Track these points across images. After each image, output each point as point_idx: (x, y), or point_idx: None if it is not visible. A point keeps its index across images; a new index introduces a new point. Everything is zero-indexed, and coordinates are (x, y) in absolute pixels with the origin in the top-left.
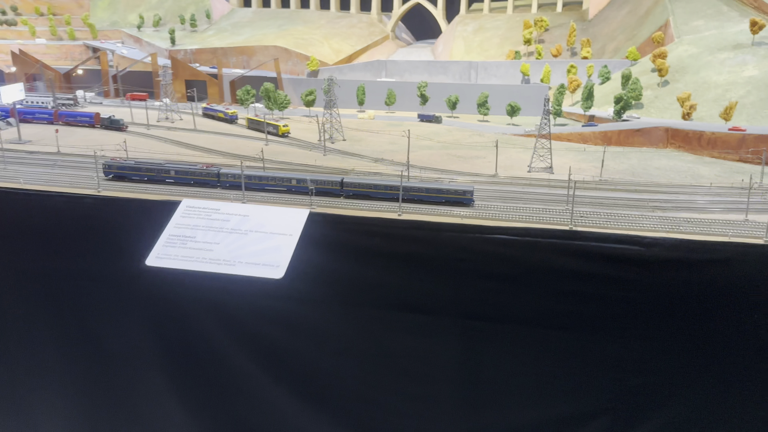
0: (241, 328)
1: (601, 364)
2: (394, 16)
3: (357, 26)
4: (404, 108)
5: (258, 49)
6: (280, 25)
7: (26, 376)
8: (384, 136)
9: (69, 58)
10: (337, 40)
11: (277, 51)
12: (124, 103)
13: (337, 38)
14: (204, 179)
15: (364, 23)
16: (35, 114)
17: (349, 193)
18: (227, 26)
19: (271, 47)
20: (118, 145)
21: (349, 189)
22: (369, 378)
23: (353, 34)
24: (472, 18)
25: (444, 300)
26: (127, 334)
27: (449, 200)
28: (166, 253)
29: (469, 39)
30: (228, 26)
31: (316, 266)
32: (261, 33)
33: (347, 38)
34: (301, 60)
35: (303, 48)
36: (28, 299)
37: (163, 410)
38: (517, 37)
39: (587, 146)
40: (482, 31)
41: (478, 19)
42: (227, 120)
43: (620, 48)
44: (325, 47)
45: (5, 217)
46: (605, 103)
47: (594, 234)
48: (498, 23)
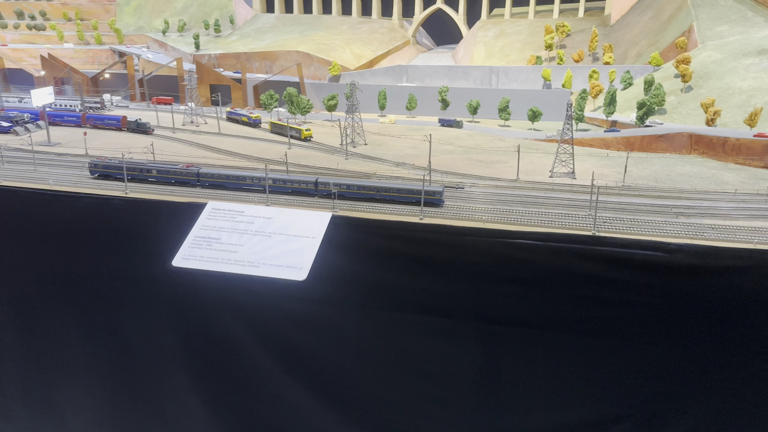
0: (263, 328)
1: (622, 369)
2: (415, 22)
3: (378, 31)
4: (425, 113)
5: (280, 54)
6: (302, 30)
7: (55, 372)
8: (405, 141)
9: (96, 62)
10: (359, 45)
11: (299, 56)
12: (150, 106)
13: (358, 43)
14: (184, 178)
15: (386, 28)
16: (64, 117)
17: (323, 193)
18: (250, 32)
19: (294, 52)
20: (145, 148)
21: (323, 189)
22: (388, 379)
23: (374, 39)
24: (493, 23)
25: (464, 304)
26: (153, 332)
27: (420, 200)
28: (192, 254)
29: (490, 44)
30: (251, 32)
31: (337, 268)
32: (283, 38)
33: (368, 43)
34: (323, 65)
35: (325, 53)
36: (57, 298)
37: (186, 407)
38: (538, 42)
39: (610, 152)
40: (503, 36)
41: (499, 24)
42: (251, 124)
43: (643, 53)
44: (346, 52)
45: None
46: (627, 108)
47: (617, 240)
48: (519, 28)
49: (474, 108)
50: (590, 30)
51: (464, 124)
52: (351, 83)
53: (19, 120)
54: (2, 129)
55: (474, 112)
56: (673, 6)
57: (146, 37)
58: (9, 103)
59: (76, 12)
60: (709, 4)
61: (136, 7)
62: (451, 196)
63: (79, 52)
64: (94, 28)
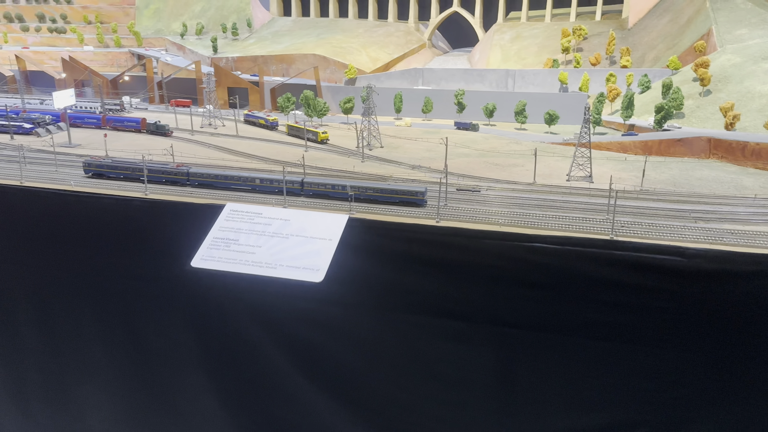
0: (280, 329)
1: (639, 375)
2: (431, 25)
3: (394, 35)
4: (441, 116)
5: (297, 57)
6: (318, 33)
7: (74, 370)
8: (421, 144)
9: (115, 64)
10: (375, 48)
11: (315, 59)
12: (168, 109)
13: (374, 47)
14: (174, 178)
15: (401, 32)
16: (84, 119)
17: (309, 192)
18: (267, 35)
19: (310, 55)
20: (165, 150)
21: (309, 189)
22: (403, 382)
23: (390, 42)
24: (509, 26)
25: (480, 307)
26: (170, 332)
27: (402, 200)
28: (211, 255)
29: (507, 47)
30: (268, 35)
31: (353, 271)
32: (300, 41)
33: (384, 47)
34: (339, 68)
35: (341, 56)
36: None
37: (202, 406)
38: (555, 45)
39: (627, 155)
40: (520, 39)
41: (515, 27)
42: (268, 126)
43: (660, 57)
44: (362, 55)
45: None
46: (645, 112)
47: (635, 244)
48: (536, 31)
49: (490, 111)
50: (607, 33)
51: (480, 127)
52: (367, 86)
53: (41, 122)
54: (24, 130)
55: (490, 115)
56: (691, 9)
57: (165, 40)
58: (31, 105)
59: (96, 15)
60: (729, 8)
61: (155, 10)
62: (468, 199)
63: (99, 54)
64: (113, 31)
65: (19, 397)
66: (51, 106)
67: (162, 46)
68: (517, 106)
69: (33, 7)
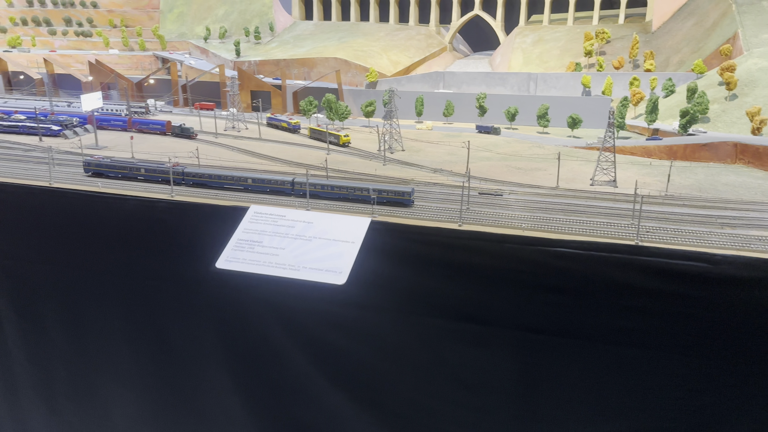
0: (302, 331)
1: (663, 382)
2: (452, 28)
3: (415, 38)
4: (462, 119)
5: (319, 60)
6: (340, 37)
7: (100, 368)
8: (442, 147)
9: (139, 67)
10: (396, 52)
11: (337, 63)
12: (192, 112)
13: (395, 50)
14: (169, 177)
15: (422, 35)
16: (110, 121)
17: (299, 192)
18: (289, 38)
19: (332, 59)
20: (190, 152)
21: (300, 189)
22: (424, 385)
23: (411, 46)
24: (531, 29)
25: (503, 312)
26: (195, 332)
27: (390, 200)
28: (235, 256)
29: (528, 50)
30: (290, 38)
31: (376, 273)
32: (322, 45)
33: (405, 50)
34: (360, 71)
35: (362, 60)
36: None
37: (225, 406)
38: (577, 48)
39: (652, 160)
40: (542, 42)
41: (537, 30)
42: (290, 129)
43: (685, 61)
44: (383, 59)
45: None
46: (669, 116)
47: (661, 250)
48: (558, 35)
49: (512, 115)
50: (631, 37)
51: (502, 130)
52: (389, 90)
53: (68, 124)
54: (52, 132)
55: (512, 118)
56: (717, 12)
57: (188, 44)
58: (58, 108)
59: (121, 19)
60: (755, 11)
61: (179, 14)
62: (490, 203)
63: (124, 57)
64: (138, 35)
65: (47, 394)
66: (78, 108)
67: (185, 50)
68: (539, 110)
69: (60, 11)
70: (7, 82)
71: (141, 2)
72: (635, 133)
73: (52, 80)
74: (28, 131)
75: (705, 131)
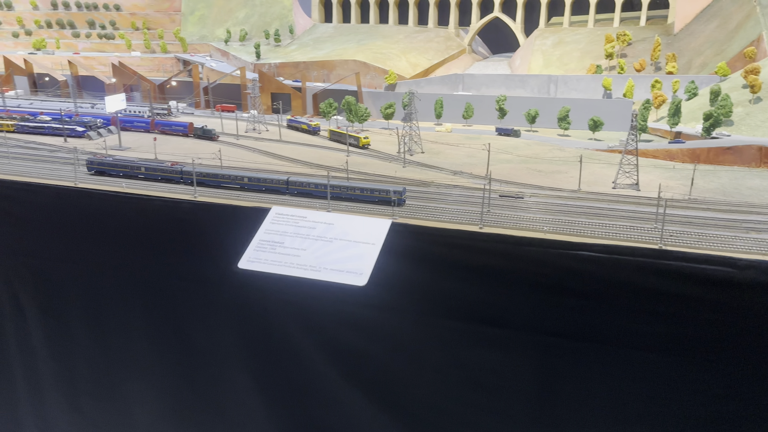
0: (322, 331)
1: (685, 388)
2: (472, 30)
3: (434, 40)
4: (482, 121)
5: (338, 63)
6: (359, 40)
7: (122, 366)
8: (462, 149)
9: (161, 69)
10: (415, 54)
11: (356, 65)
12: (214, 114)
13: (414, 52)
14: (168, 176)
15: (441, 37)
16: (133, 122)
17: (294, 191)
18: (309, 41)
19: (351, 61)
20: (213, 154)
21: (294, 188)
22: (443, 388)
23: (430, 48)
24: (551, 32)
25: (523, 315)
26: (216, 332)
27: (382, 200)
28: (257, 257)
29: (548, 53)
30: (310, 41)
31: (396, 275)
32: (341, 47)
33: (424, 52)
34: (379, 74)
35: (381, 62)
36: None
37: (245, 406)
38: (598, 51)
39: (675, 163)
40: (562, 44)
41: (557, 32)
42: (310, 131)
43: (708, 63)
44: (402, 61)
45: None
46: (692, 119)
47: (685, 254)
48: (578, 37)
49: (532, 117)
50: (652, 39)
51: (522, 133)
52: (410, 92)
53: (92, 125)
54: (77, 133)
55: (532, 121)
56: (740, 14)
57: (209, 46)
58: (82, 109)
59: (143, 22)
60: None
61: (200, 17)
62: (511, 206)
63: (146, 60)
64: (159, 37)
65: (70, 391)
66: (101, 110)
67: (206, 52)
68: (560, 112)
69: (84, 14)
70: (32, 84)
71: (163, 5)
72: (657, 136)
73: (76, 82)
74: (54, 132)
75: (729, 134)
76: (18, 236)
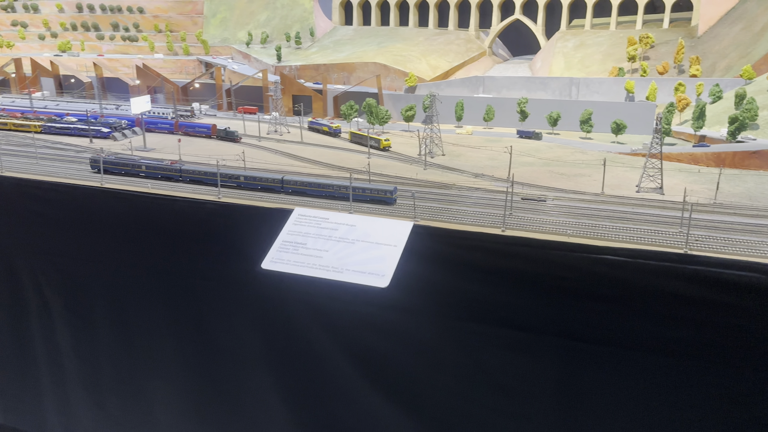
0: (344, 333)
1: (710, 394)
2: (492, 33)
3: (454, 43)
4: (502, 124)
5: (358, 65)
6: (379, 42)
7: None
8: (483, 152)
9: (183, 72)
10: (435, 56)
11: (376, 67)
12: (236, 115)
13: (434, 55)
14: (168, 174)
15: (462, 39)
16: (158, 124)
17: (288, 190)
18: (329, 43)
19: (371, 64)
20: (237, 155)
21: (288, 186)
22: (464, 391)
23: (450, 50)
24: (572, 34)
25: (545, 318)
26: (238, 331)
27: (374, 199)
28: (280, 257)
29: (570, 55)
30: (330, 43)
31: (417, 277)
32: (361, 50)
33: (444, 55)
34: (399, 76)
35: (401, 64)
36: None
37: (266, 405)
38: (620, 53)
39: (701, 167)
40: (583, 47)
41: (579, 35)
42: (331, 133)
43: (732, 66)
44: (422, 63)
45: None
46: (716, 123)
47: (711, 259)
48: (600, 39)
49: (554, 120)
50: (676, 41)
51: (543, 135)
52: (431, 94)
53: (117, 126)
54: (102, 134)
55: (554, 123)
56: (766, 16)
57: (231, 49)
58: (107, 110)
59: (166, 24)
60: None
61: (222, 19)
62: (533, 209)
63: (168, 62)
64: (182, 40)
65: (93, 388)
66: (125, 111)
67: (228, 54)
68: (582, 115)
69: (108, 17)
70: (58, 85)
71: (185, 8)
72: (681, 139)
73: (101, 83)
74: (79, 133)
75: (755, 138)
76: (45, 235)
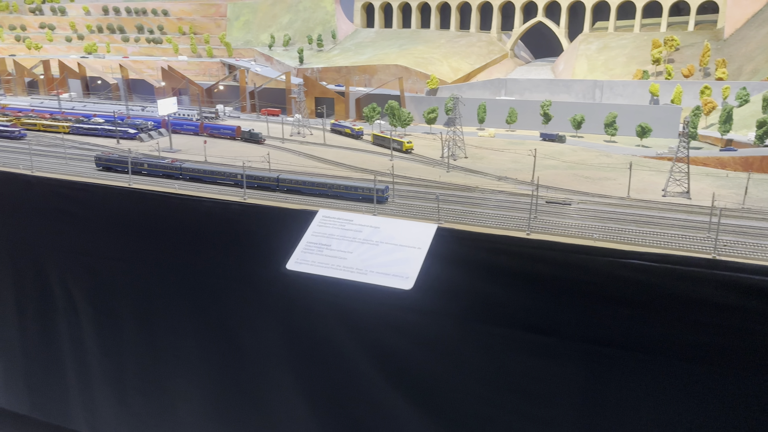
0: (367, 334)
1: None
2: (514, 35)
3: (476, 45)
4: (525, 126)
5: (380, 68)
6: (401, 44)
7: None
8: (506, 155)
9: (207, 74)
10: (457, 58)
11: (397, 70)
12: (259, 117)
13: (456, 57)
14: (169, 171)
15: (484, 42)
16: (183, 126)
17: (284, 188)
18: (351, 46)
19: (392, 66)
20: (262, 157)
21: (284, 185)
22: (487, 394)
23: (472, 53)
24: (596, 36)
25: (570, 323)
26: (261, 332)
27: (366, 198)
28: (305, 258)
29: (593, 57)
30: (351, 46)
31: (441, 280)
32: (383, 52)
33: (466, 57)
34: (421, 78)
35: (423, 67)
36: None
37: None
38: (644, 56)
39: (729, 172)
40: (607, 49)
41: (602, 37)
42: (353, 136)
43: (760, 69)
44: (444, 66)
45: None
46: (743, 126)
47: (740, 265)
48: (624, 42)
49: (578, 122)
50: (701, 44)
51: (567, 138)
52: (454, 97)
53: (144, 127)
54: (129, 135)
55: (578, 126)
56: None
57: (253, 51)
58: (133, 111)
59: (190, 27)
60: None
61: (245, 22)
62: (557, 212)
63: (192, 64)
64: (206, 42)
65: (118, 386)
66: (151, 112)
67: (251, 57)
68: (607, 118)
69: (133, 19)
70: (85, 87)
71: (209, 11)
72: (707, 143)
73: (127, 85)
74: (106, 134)
75: None
76: (73, 234)
